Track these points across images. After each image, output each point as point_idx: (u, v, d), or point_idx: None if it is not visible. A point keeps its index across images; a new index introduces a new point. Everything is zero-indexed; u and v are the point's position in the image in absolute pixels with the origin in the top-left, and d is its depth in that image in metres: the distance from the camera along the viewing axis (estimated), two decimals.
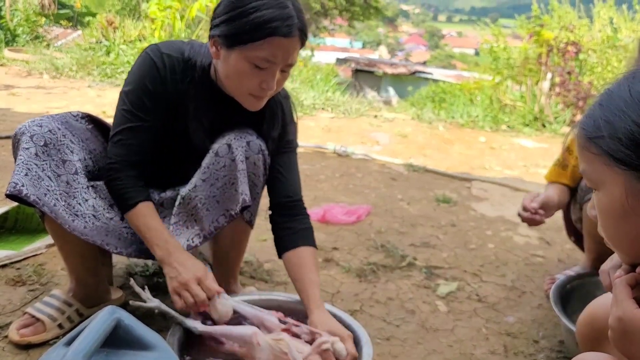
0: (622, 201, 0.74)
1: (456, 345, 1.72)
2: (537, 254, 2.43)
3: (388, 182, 3.39)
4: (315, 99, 5.73)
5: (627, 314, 0.75)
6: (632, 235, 0.77)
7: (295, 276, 1.51)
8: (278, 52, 1.32)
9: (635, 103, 0.72)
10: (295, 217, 1.57)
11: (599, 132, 0.75)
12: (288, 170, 1.61)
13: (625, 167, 0.72)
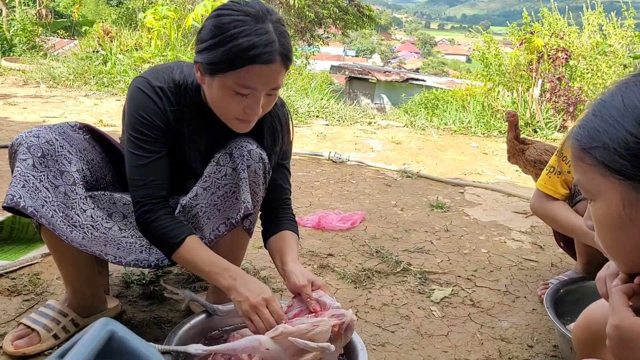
0: (619, 211, 0.74)
1: (451, 350, 1.73)
2: (530, 258, 2.45)
3: (382, 188, 3.41)
4: (310, 106, 5.76)
5: (624, 322, 0.76)
6: (629, 245, 0.78)
7: (275, 249, 1.55)
8: (259, 80, 1.32)
9: (628, 112, 0.72)
10: (283, 213, 1.64)
11: (593, 142, 0.75)
12: (282, 179, 1.64)
13: (622, 177, 0.73)
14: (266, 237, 1.62)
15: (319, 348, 1.26)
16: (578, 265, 2.04)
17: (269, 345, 1.29)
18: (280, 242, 1.57)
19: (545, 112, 5.64)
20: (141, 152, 1.43)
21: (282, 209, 1.64)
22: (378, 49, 69.02)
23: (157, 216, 1.42)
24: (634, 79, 0.76)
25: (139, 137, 1.43)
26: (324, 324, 1.31)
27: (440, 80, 13.88)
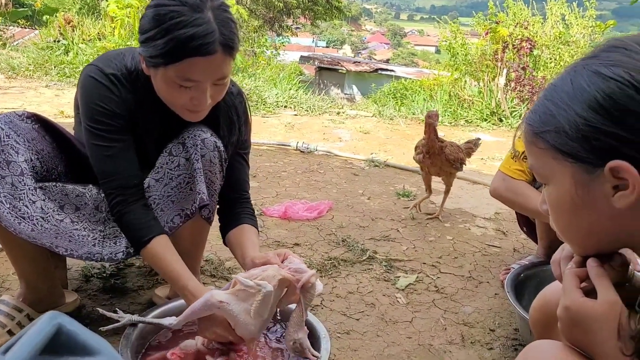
0: (572, 194, 0.75)
1: (415, 336, 1.75)
2: (494, 244, 2.49)
3: (350, 177, 3.41)
4: (279, 97, 5.72)
5: (573, 303, 0.77)
6: (583, 228, 0.78)
7: (235, 243, 1.52)
8: (200, 72, 1.28)
9: (578, 95, 0.72)
10: (242, 207, 1.60)
11: (545, 126, 0.76)
12: (241, 170, 1.61)
13: (573, 159, 0.73)
14: (225, 231, 1.59)
15: (254, 285, 1.24)
16: (539, 249, 2.08)
17: (222, 298, 1.27)
18: (240, 236, 1.54)
19: (510, 101, 5.72)
20: (105, 143, 1.38)
21: (240, 203, 1.60)
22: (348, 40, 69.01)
23: (129, 209, 1.39)
24: (582, 62, 0.76)
25: (100, 127, 1.38)
26: (272, 270, 1.29)
27: (409, 70, 13.96)
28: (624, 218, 0.72)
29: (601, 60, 0.73)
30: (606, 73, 0.71)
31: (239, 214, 1.58)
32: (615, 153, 0.69)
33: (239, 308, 1.27)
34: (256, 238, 1.55)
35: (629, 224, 0.73)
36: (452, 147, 2.53)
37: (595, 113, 0.70)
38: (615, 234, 0.76)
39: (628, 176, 0.69)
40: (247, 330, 1.28)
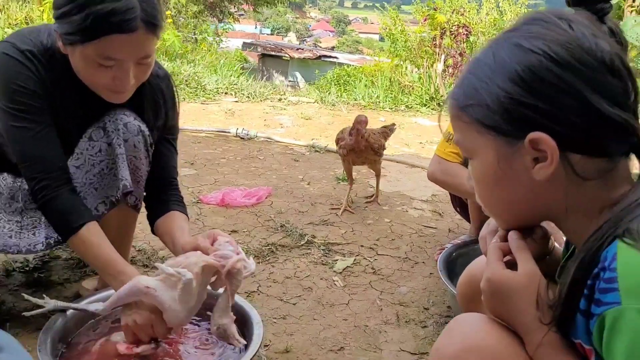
0: (495, 167, 0.75)
1: (351, 318, 1.76)
2: (430, 225, 2.54)
3: (290, 163, 3.39)
4: (219, 83, 5.61)
5: (495, 275, 0.78)
6: (505, 201, 0.79)
7: (165, 230, 1.46)
8: (121, 50, 1.22)
9: (499, 68, 0.72)
10: (171, 193, 1.55)
11: (469, 100, 0.75)
12: (168, 156, 1.55)
13: (495, 133, 0.73)
14: (153, 219, 1.53)
15: (174, 273, 1.21)
16: (472, 229, 2.13)
17: (148, 283, 1.23)
18: (169, 223, 1.48)
19: (448, 86, 5.84)
20: (25, 124, 1.30)
21: (169, 190, 1.55)
22: (293, 27, 68.54)
23: (56, 194, 1.31)
24: (504, 35, 0.77)
25: (19, 107, 1.29)
26: (195, 257, 1.26)
27: (352, 57, 14.04)
28: (543, 190, 0.73)
29: (521, 33, 0.73)
30: (526, 45, 0.71)
31: (167, 201, 1.53)
32: (535, 125, 0.70)
33: (166, 295, 1.23)
34: (186, 224, 1.51)
35: (548, 196, 0.74)
36: (374, 135, 2.53)
37: (515, 85, 0.70)
38: (536, 206, 0.77)
39: (546, 148, 0.69)
40: (174, 317, 1.25)
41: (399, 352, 1.60)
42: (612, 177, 0.72)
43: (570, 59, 0.68)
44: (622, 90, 0.70)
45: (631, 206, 0.67)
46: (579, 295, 0.68)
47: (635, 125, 0.70)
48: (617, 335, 0.61)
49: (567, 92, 0.68)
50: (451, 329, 0.83)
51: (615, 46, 0.71)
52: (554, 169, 0.70)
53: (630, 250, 0.62)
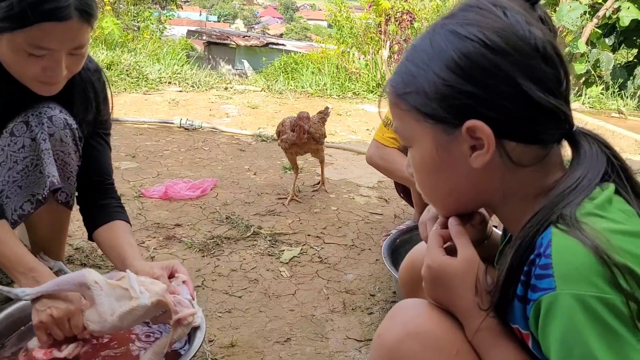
0: (433, 155, 0.75)
1: (297, 308, 1.75)
2: (376, 212, 2.56)
3: (236, 153, 3.34)
4: (162, 72, 5.44)
5: (435, 261, 0.78)
6: (444, 188, 0.79)
7: (111, 244, 1.40)
8: (54, 40, 1.16)
9: (436, 55, 0.72)
10: (108, 197, 1.48)
11: (407, 88, 0.75)
12: (101, 152, 1.48)
13: (433, 120, 0.73)
14: (92, 227, 1.45)
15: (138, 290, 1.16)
16: (415, 214, 2.16)
17: (98, 279, 1.17)
18: (115, 237, 1.41)
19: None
20: None
21: (105, 192, 1.48)
22: (241, 15, 67.44)
23: None
24: (441, 22, 0.76)
25: None
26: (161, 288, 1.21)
27: (300, 44, 13.93)
28: (481, 178, 0.74)
29: (457, 20, 0.73)
30: (462, 32, 0.71)
31: (106, 207, 1.46)
32: (471, 112, 0.70)
33: (108, 301, 1.17)
34: (132, 237, 1.44)
35: (486, 183, 0.74)
36: (315, 125, 2.53)
37: (452, 73, 0.70)
38: (474, 193, 0.77)
39: (483, 135, 0.69)
40: (99, 323, 1.17)
41: (345, 340, 1.60)
42: (546, 163, 0.73)
43: (505, 46, 0.68)
44: (555, 77, 0.70)
45: (565, 192, 0.68)
46: (516, 281, 0.69)
47: (567, 112, 0.71)
48: (552, 320, 0.62)
49: (502, 79, 0.68)
50: (393, 315, 0.83)
51: (548, 33, 0.72)
52: (490, 157, 0.70)
53: (564, 236, 0.63)
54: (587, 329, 0.59)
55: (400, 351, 0.77)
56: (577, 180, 0.68)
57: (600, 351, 0.58)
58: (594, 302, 0.59)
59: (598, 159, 0.70)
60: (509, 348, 0.72)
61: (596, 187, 0.68)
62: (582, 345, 0.59)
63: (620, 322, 0.58)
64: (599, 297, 0.59)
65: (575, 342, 0.59)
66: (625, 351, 0.58)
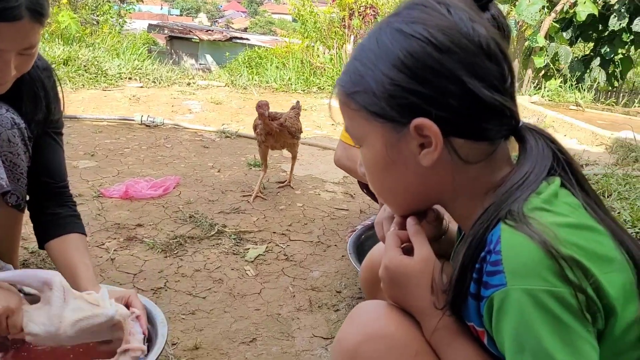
0: (383, 154, 0.74)
1: (263, 307, 1.73)
2: (342, 207, 2.55)
3: (199, 150, 3.28)
4: (122, 68, 5.31)
5: (392, 261, 0.77)
6: (396, 187, 0.78)
7: (65, 262, 1.33)
8: (3, 40, 1.11)
9: (382, 54, 0.71)
10: (61, 203, 1.41)
11: (355, 87, 0.74)
12: (52, 153, 1.42)
13: (382, 119, 0.72)
14: (44, 237, 1.38)
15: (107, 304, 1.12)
16: (380, 210, 2.16)
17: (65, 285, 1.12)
18: (68, 254, 1.34)
19: None
20: None
21: (57, 197, 1.41)
22: (204, 8, 66.44)
23: None
24: (387, 20, 0.75)
25: None
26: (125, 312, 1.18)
27: (264, 38, 13.82)
28: (431, 176, 0.73)
29: (403, 18, 0.72)
30: (407, 30, 0.70)
31: (60, 217, 1.39)
32: (418, 111, 0.69)
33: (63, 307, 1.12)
34: (88, 253, 1.37)
35: (436, 181, 0.74)
36: (290, 119, 2.51)
37: (398, 71, 0.69)
38: (426, 192, 0.77)
39: (430, 133, 0.69)
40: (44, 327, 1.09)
41: (311, 338, 1.59)
42: (494, 160, 0.73)
43: (450, 44, 0.68)
44: (499, 74, 0.70)
45: (512, 188, 0.68)
46: (469, 279, 0.69)
47: (513, 108, 0.71)
48: (504, 316, 0.62)
49: (447, 77, 0.68)
50: (351, 319, 0.83)
51: (492, 30, 0.71)
52: (438, 154, 0.70)
53: (513, 231, 0.63)
54: (538, 322, 0.59)
55: (360, 355, 0.77)
56: (524, 175, 0.69)
57: (552, 344, 0.59)
58: (544, 296, 0.59)
59: (544, 153, 0.71)
60: (466, 346, 0.72)
61: (543, 181, 0.69)
62: (534, 339, 0.59)
63: (570, 314, 0.59)
64: (548, 290, 0.59)
65: (527, 336, 0.60)
66: (575, 342, 0.59)
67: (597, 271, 0.61)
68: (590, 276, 0.60)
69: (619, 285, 0.62)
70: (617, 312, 0.61)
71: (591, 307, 0.60)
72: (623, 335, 0.62)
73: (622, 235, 0.67)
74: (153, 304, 1.43)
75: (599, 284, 0.60)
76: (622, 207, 2.46)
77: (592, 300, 0.60)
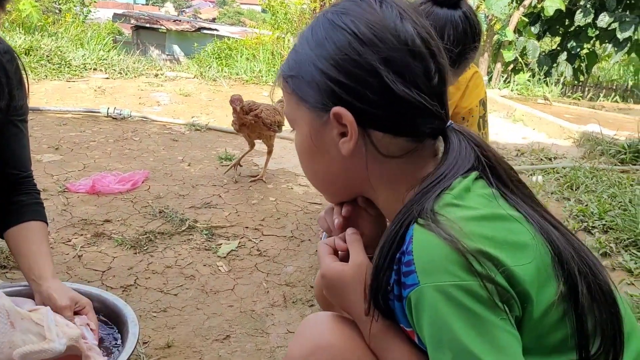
0: (309, 139, 0.76)
1: (237, 304, 1.70)
2: (315, 201, 2.53)
3: (168, 143, 3.21)
4: (86, 58, 5.16)
5: (327, 269, 0.77)
6: (320, 173, 0.80)
7: (21, 251, 1.27)
8: None
9: (315, 42, 0.73)
10: (24, 191, 1.35)
11: (290, 72, 0.76)
12: (16, 142, 1.35)
13: (309, 105, 0.74)
14: (3, 226, 1.31)
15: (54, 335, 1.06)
16: None
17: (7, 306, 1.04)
18: (27, 243, 1.28)
19: None
20: None
21: (21, 185, 1.34)
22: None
23: None
24: (324, 10, 0.78)
25: None
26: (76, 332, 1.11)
27: (233, 29, 13.61)
28: (350, 165, 0.74)
29: (336, 9, 0.75)
30: (336, 21, 0.73)
31: (22, 204, 1.32)
32: (339, 100, 0.71)
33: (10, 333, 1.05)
34: (47, 243, 1.31)
35: (355, 171, 0.75)
36: (268, 110, 2.48)
37: (325, 60, 0.71)
38: (347, 181, 0.78)
39: (347, 122, 0.71)
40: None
41: (286, 334, 1.57)
42: (418, 157, 0.73)
43: (373, 37, 0.69)
44: (423, 72, 0.70)
45: (428, 187, 0.68)
46: (384, 281, 0.68)
47: (434, 108, 0.71)
48: (421, 314, 0.63)
49: (367, 70, 0.69)
50: (298, 332, 0.83)
51: (423, 29, 0.72)
52: (354, 144, 0.71)
53: (422, 230, 0.63)
54: (451, 317, 0.60)
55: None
56: (441, 175, 0.69)
57: (466, 336, 0.59)
58: (454, 290, 0.60)
59: (465, 155, 0.72)
60: (401, 348, 0.73)
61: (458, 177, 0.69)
62: (449, 333, 0.60)
63: (481, 305, 0.60)
64: (457, 284, 0.60)
65: (443, 331, 0.61)
66: (490, 331, 0.60)
67: (508, 259, 0.61)
68: (501, 265, 0.61)
69: (533, 271, 0.62)
70: (533, 297, 0.62)
71: (504, 296, 0.60)
72: (543, 318, 0.63)
73: (541, 221, 0.68)
74: (123, 302, 1.39)
75: (511, 271, 0.61)
76: (589, 200, 2.51)
77: (503, 288, 0.60)
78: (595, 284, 0.66)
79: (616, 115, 5.26)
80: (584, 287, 0.65)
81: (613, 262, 2.02)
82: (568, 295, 0.64)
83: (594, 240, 2.13)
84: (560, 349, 0.65)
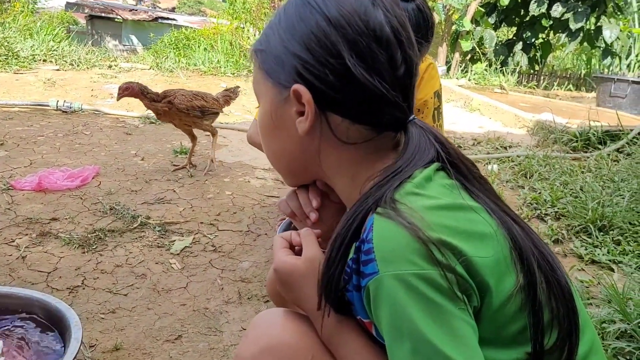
0: (270, 115, 0.75)
1: (190, 302, 1.65)
2: (272, 194, 2.50)
3: (122, 137, 3.12)
4: (35, 49, 4.97)
5: (279, 263, 0.75)
6: (278, 151, 0.78)
7: None
8: None
9: (284, 19, 0.73)
10: None
11: (260, 46, 0.76)
12: None
13: (272, 80, 0.73)
14: None
15: None
16: None
17: None
18: None
19: None
20: None
21: None
22: None
23: None
24: None
25: None
26: None
27: (192, 19, 13.34)
28: (306, 145, 0.74)
29: None
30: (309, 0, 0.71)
31: None
32: (300, 77, 0.70)
33: None
34: None
35: (310, 151, 0.74)
36: (182, 96, 2.42)
37: (291, 37, 0.71)
38: (303, 162, 0.77)
39: (305, 101, 0.69)
40: None
41: (240, 332, 1.54)
42: (378, 148, 0.72)
43: (341, 18, 0.68)
44: (388, 61, 0.69)
45: (387, 177, 0.67)
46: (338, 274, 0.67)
47: (395, 99, 0.70)
48: (380, 303, 0.61)
49: (330, 50, 0.68)
50: (247, 332, 0.80)
51: (395, 18, 0.70)
52: (310, 124, 0.70)
53: (382, 219, 0.62)
54: (410, 306, 0.59)
55: None
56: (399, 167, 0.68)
57: (426, 325, 0.58)
58: (414, 279, 0.59)
59: (425, 149, 0.71)
60: (356, 343, 0.71)
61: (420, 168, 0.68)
62: (408, 323, 0.59)
63: (441, 295, 0.59)
64: (417, 273, 0.59)
65: (402, 321, 0.60)
66: (449, 321, 0.59)
67: (468, 249, 0.61)
68: (461, 255, 0.60)
69: (492, 261, 0.62)
70: (492, 288, 0.62)
71: (463, 286, 0.60)
72: (502, 308, 0.63)
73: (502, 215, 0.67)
74: (66, 305, 1.33)
75: (470, 262, 0.60)
76: (542, 188, 2.56)
77: (463, 278, 0.60)
78: (553, 279, 0.66)
79: (569, 104, 5.39)
80: (542, 282, 0.64)
81: (565, 248, 2.06)
82: (527, 289, 0.63)
83: (547, 227, 2.17)
84: (519, 340, 0.64)
